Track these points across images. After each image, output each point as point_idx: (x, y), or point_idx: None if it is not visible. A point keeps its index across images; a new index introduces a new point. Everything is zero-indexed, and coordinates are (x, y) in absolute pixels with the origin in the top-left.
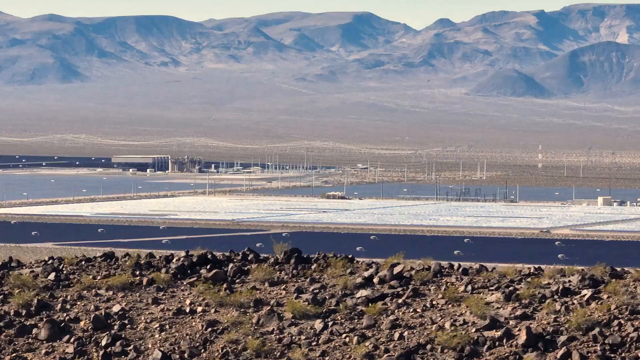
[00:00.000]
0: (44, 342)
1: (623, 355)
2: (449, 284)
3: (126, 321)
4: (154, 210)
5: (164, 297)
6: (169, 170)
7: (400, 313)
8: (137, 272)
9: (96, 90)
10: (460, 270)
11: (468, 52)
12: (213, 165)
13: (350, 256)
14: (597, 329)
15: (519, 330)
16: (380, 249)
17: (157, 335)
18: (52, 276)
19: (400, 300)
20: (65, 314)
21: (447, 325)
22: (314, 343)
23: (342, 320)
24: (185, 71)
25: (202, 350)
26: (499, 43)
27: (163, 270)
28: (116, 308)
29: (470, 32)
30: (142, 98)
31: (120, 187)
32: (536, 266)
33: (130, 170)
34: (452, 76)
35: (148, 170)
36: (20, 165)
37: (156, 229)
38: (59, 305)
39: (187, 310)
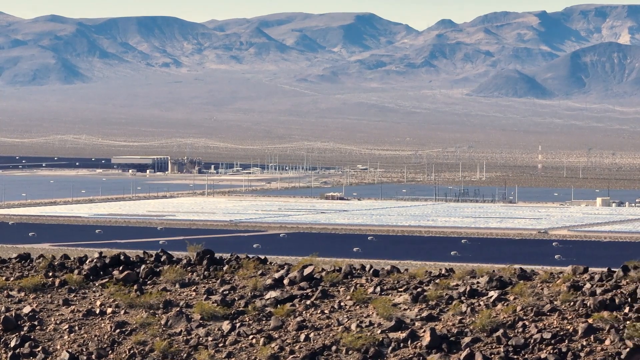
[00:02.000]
0: None
1: (526, 356)
2: (358, 285)
3: (36, 322)
4: (152, 211)
5: (75, 298)
6: (168, 171)
7: (308, 314)
8: (50, 274)
9: (98, 91)
10: (371, 271)
11: (470, 52)
12: (213, 166)
13: (263, 257)
14: (501, 331)
15: (424, 331)
16: (377, 250)
17: (66, 337)
18: None
19: (308, 302)
20: None
21: (353, 326)
22: (220, 344)
23: (250, 322)
24: (187, 72)
25: (110, 351)
26: (500, 44)
27: (76, 271)
28: (27, 309)
29: (472, 33)
30: (143, 99)
31: (120, 188)
32: (448, 267)
33: (130, 171)
34: (454, 77)
35: (148, 171)
36: (20, 166)
37: (154, 229)
38: None
39: (97, 311)
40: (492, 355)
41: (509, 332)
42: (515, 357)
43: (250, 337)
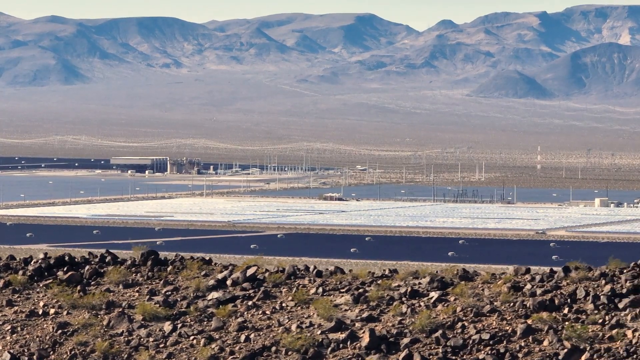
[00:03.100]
0: None
1: (464, 357)
2: (301, 286)
3: None
4: (151, 211)
5: (18, 299)
6: (167, 172)
7: (249, 315)
8: None
9: (98, 92)
10: (315, 272)
11: (470, 53)
12: (212, 167)
13: (208, 258)
14: (440, 331)
15: (364, 332)
16: (374, 251)
17: (8, 338)
18: None
19: (250, 303)
20: None
21: (293, 327)
22: (161, 345)
23: (192, 323)
24: (187, 72)
25: (51, 352)
26: (501, 44)
27: (20, 272)
28: None
29: (473, 34)
30: (144, 99)
31: (118, 189)
32: (392, 268)
33: (129, 171)
34: (454, 77)
35: (147, 171)
36: (19, 167)
37: (151, 230)
38: None
39: (40, 312)
40: (431, 356)
41: (448, 333)
42: (453, 357)
43: (191, 337)
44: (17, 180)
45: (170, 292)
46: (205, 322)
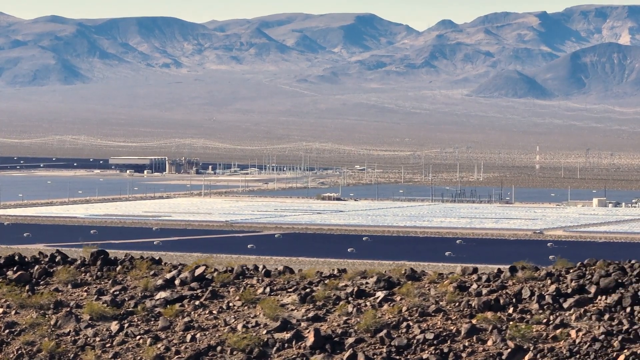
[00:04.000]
0: None
1: (408, 357)
2: (248, 285)
3: None
4: (148, 211)
5: None
6: (166, 172)
7: (196, 315)
8: None
9: (98, 92)
10: (263, 272)
11: (470, 53)
12: (210, 167)
13: (157, 258)
14: (385, 331)
15: (309, 332)
16: (372, 250)
17: None
18: None
19: (197, 302)
20: None
21: (239, 327)
22: (108, 345)
23: (139, 322)
24: (187, 72)
25: None
26: (500, 44)
27: None
28: None
29: (472, 34)
30: (143, 99)
31: (117, 189)
32: (340, 268)
33: (128, 171)
34: (454, 77)
35: (145, 171)
36: (18, 167)
37: (149, 230)
38: None
39: None
40: (375, 356)
41: (392, 333)
42: (397, 357)
43: (138, 337)
44: (16, 180)
45: (118, 292)
46: (152, 322)
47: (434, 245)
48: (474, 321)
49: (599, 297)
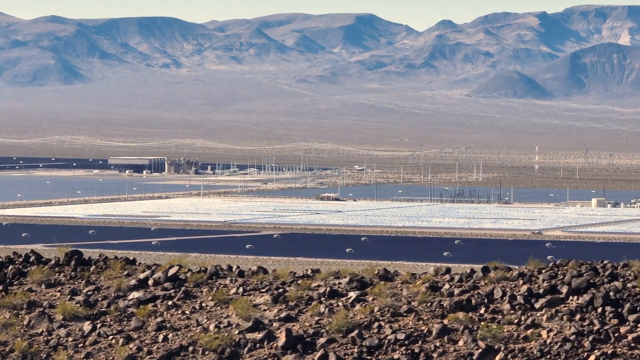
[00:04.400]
0: None
1: (379, 357)
2: (222, 285)
3: None
4: (147, 211)
5: None
6: (165, 172)
7: (169, 315)
8: None
9: (97, 92)
10: (237, 272)
11: (470, 53)
12: (209, 167)
13: (132, 258)
14: (356, 331)
15: (281, 332)
16: (370, 251)
17: None
18: None
19: (170, 302)
20: None
21: (211, 327)
22: (80, 345)
23: (111, 322)
24: (186, 73)
25: None
26: (500, 44)
27: None
28: None
29: (472, 34)
30: (143, 99)
31: (116, 189)
32: (314, 268)
33: (127, 171)
34: (454, 77)
35: (144, 171)
36: (17, 167)
37: (147, 230)
38: None
39: None
40: (346, 356)
41: (364, 333)
42: (368, 357)
43: (110, 337)
44: (15, 180)
45: (91, 292)
46: (124, 322)
47: (432, 246)
48: (445, 321)
49: (571, 298)
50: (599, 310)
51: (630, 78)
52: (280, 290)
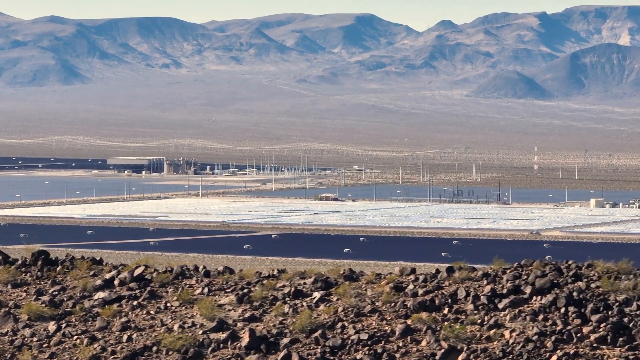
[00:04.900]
0: None
1: (342, 357)
2: (187, 286)
3: None
4: (145, 211)
5: None
6: (164, 172)
7: (134, 315)
8: None
9: (97, 92)
10: (203, 272)
11: (469, 53)
12: (208, 167)
13: (98, 258)
14: (320, 331)
15: (245, 332)
16: (368, 251)
17: None
18: None
19: (135, 302)
20: None
21: (175, 327)
22: (45, 345)
23: (76, 322)
24: (186, 73)
25: None
26: (500, 45)
27: None
28: None
29: (472, 34)
30: (143, 100)
31: (114, 189)
32: (280, 269)
33: (126, 171)
34: (454, 78)
35: (143, 171)
36: (16, 167)
37: (146, 230)
38: None
39: None
40: (309, 356)
41: (327, 333)
42: (331, 357)
43: (75, 337)
44: (14, 180)
45: (57, 292)
46: (89, 322)
47: (430, 246)
48: (408, 322)
49: (534, 298)
50: (562, 310)
51: (630, 78)
52: (246, 290)
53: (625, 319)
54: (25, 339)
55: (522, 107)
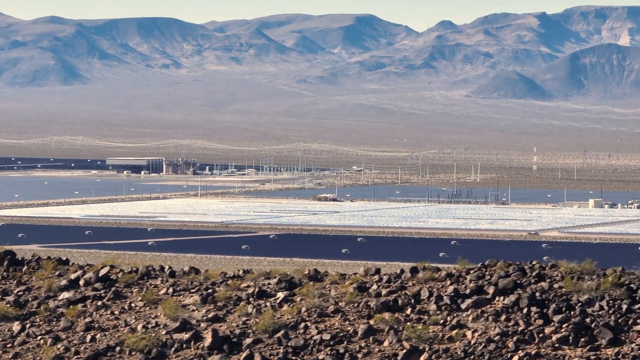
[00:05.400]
0: None
1: (304, 357)
2: (152, 286)
3: None
4: (144, 212)
5: None
6: (163, 172)
7: (98, 315)
8: None
9: (97, 92)
10: (168, 272)
11: (469, 54)
12: (207, 167)
13: (65, 259)
14: (282, 332)
15: (207, 332)
16: (366, 251)
17: None
18: None
19: (100, 303)
20: None
21: (139, 327)
22: (8, 345)
23: (41, 322)
24: (186, 73)
25: None
26: (500, 45)
27: None
28: None
29: (472, 34)
30: (143, 100)
31: (113, 189)
32: (245, 269)
33: (125, 172)
34: (453, 78)
35: (142, 172)
36: (15, 167)
37: (144, 230)
38: None
39: None
40: (272, 357)
41: (290, 333)
42: (294, 358)
43: (39, 337)
44: (13, 181)
45: (22, 292)
46: (54, 322)
47: (428, 246)
48: (371, 322)
49: (497, 298)
50: (525, 310)
51: (630, 79)
52: (210, 290)
53: (587, 320)
54: None
55: (521, 108)
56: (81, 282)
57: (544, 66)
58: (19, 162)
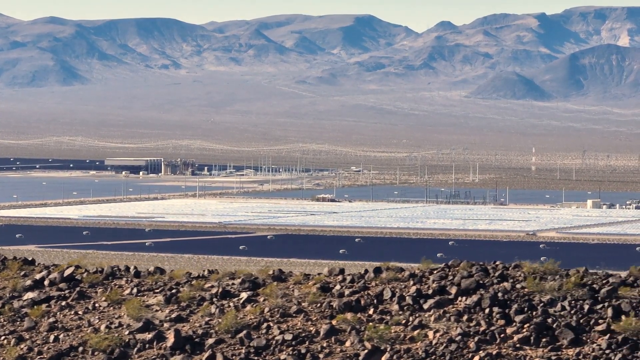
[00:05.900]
0: None
1: (266, 358)
2: (117, 286)
3: None
4: (142, 212)
5: None
6: (161, 173)
7: (62, 315)
8: None
9: (96, 93)
10: (133, 272)
11: (469, 54)
12: (206, 168)
13: (31, 259)
14: (245, 332)
15: (170, 332)
16: (363, 251)
17: None
18: None
19: (64, 303)
20: None
21: (102, 327)
22: None
23: (5, 323)
24: (185, 74)
25: None
26: (499, 46)
27: None
28: None
29: (471, 35)
30: (142, 101)
31: (111, 190)
32: (210, 269)
33: (123, 172)
34: (453, 79)
35: (141, 172)
36: (14, 168)
37: (142, 231)
38: None
39: None
40: (234, 357)
41: (252, 334)
42: (256, 358)
43: (2, 337)
44: (11, 181)
45: None
46: (18, 322)
47: (426, 247)
48: (333, 322)
49: (460, 298)
50: (487, 311)
51: (629, 79)
52: (174, 290)
53: (549, 320)
54: None
55: (521, 108)
56: (46, 283)
57: (543, 67)
58: (18, 163)
